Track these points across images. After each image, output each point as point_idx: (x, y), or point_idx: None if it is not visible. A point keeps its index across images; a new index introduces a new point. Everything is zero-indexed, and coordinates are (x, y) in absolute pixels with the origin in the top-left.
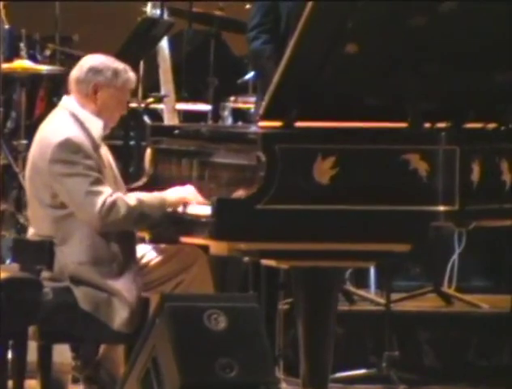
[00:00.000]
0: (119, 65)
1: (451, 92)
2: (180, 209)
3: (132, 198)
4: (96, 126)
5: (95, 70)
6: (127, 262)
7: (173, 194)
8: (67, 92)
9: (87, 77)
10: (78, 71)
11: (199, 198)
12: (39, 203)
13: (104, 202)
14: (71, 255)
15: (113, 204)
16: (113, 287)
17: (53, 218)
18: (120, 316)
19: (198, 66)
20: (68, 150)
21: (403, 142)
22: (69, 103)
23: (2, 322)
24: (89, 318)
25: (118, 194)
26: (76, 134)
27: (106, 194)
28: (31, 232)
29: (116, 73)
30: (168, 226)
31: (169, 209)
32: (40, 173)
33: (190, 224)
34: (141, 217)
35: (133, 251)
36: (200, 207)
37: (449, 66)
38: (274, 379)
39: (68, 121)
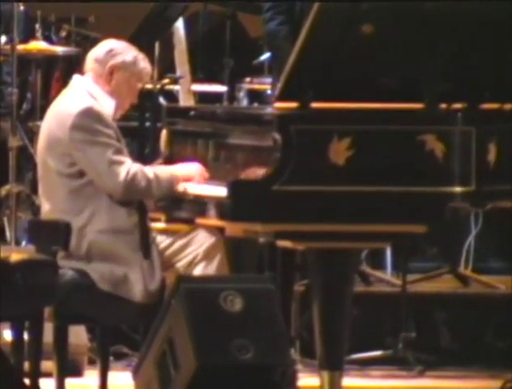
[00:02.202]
0: (139, 54)
1: (467, 73)
2: (181, 188)
3: (150, 171)
4: (108, 105)
5: (114, 52)
6: (144, 233)
7: (181, 170)
8: (82, 73)
9: (106, 58)
10: (97, 51)
11: (205, 174)
12: (55, 173)
13: (128, 172)
14: (91, 224)
15: (136, 174)
16: (132, 259)
17: (69, 188)
18: (139, 288)
19: (214, 48)
20: (90, 117)
21: (420, 123)
22: (82, 81)
23: (18, 304)
24: (110, 297)
25: (138, 165)
26: (96, 105)
27: (129, 163)
28: (45, 209)
29: (135, 59)
30: (182, 207)
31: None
32: (57, 144)
33: (203, 205)
34: (157, 189)
35: (148, 224)
36: (211, 188)
37: (464, 46)
38: (289, 361)
39: (85, 95)
